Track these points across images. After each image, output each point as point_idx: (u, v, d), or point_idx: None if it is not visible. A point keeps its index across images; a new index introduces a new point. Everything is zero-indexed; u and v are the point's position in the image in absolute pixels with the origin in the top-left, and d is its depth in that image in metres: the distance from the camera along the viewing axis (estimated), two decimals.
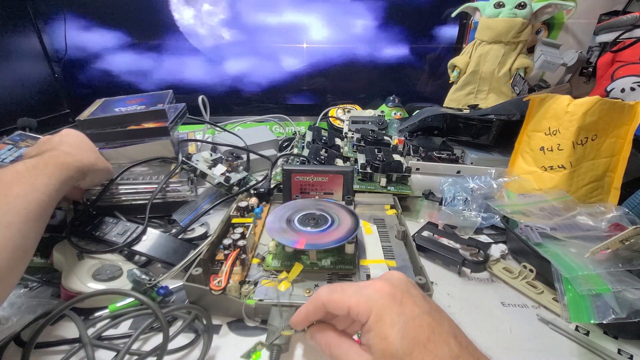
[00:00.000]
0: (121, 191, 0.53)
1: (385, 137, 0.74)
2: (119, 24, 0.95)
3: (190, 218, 0.53)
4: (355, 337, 0.28)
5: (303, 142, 0.75)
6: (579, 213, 0.48)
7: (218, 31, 0.99)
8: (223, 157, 0.63)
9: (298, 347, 0.35)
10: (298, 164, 0.65)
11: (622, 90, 0.68)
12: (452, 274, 0.47)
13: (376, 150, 0.65)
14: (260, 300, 0.37)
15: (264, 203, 0.56)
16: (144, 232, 0.46)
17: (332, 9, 0.99)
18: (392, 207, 0.57)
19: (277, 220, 0.44)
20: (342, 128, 0.88)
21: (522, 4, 0.80)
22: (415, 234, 0.51)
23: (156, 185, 0.53)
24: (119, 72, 1.01)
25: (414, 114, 0.84)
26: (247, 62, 1.04)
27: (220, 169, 0.60)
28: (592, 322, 0.34)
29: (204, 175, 0.58)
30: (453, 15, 0.92)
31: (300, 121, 1.03)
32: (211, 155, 0.61)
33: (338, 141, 0.78)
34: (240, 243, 0.41)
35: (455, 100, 0.93)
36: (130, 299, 0.37)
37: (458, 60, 0.91)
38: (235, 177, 0.59)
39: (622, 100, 0.52)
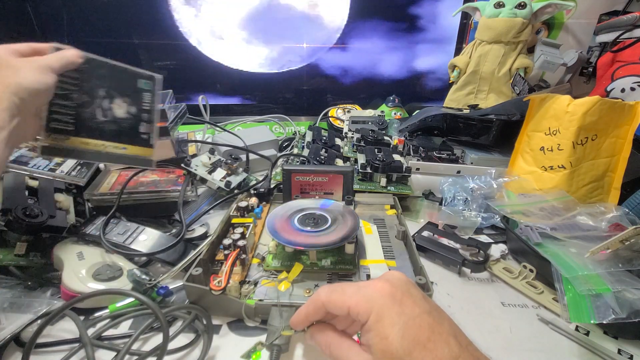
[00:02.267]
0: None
1: (385, 137, 0.74)
2: None
3: (190, 218, 0.53)
4: (355, 337, 0.28)
5: (303, 142, 0.75)
6: (579, 213, 0.48)
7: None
8: (222, 159, 0.62)
9: (298, 347, 0.35)
10: (298, 164, 0.65)
11: (622, 90, 0.68)
12: (452, 274, 0.47)
13: (376, 150, 0.65)
14: (260, 300, 0.37)
15: (264, 203, 0.56)
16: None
17: None
18: (392, 207, 0.57)
19: (277, 220, 0.44)
20: (342, 128, 0.88)
21: (522, 3, 0.80)
22: (415, 234, 0.51)
23: (157, 186, 0.53)
24: (324, 67, 1.09)
25: (414, 114, 0.85)
26: (436, 58, 1.09)
27: (220, 173, 0.59)
28: (592, 322, 0.34)
29: (204, 180, 0.58)
30: (453, 15, 0.92)
31: (300, 121, 1.03)
32: (209, 158, 0.61)
33: (338, 141, 0.78)
34: (240, 243, 0.41)
35: (455, 100, 0.93)
36: (130, 299, 0.37)
37: (458, 60, 0.91)
38: (235, 180, 0.59)
39: (622, 100, 0.52)
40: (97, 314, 0.37)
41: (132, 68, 0.39)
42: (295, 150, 0.78)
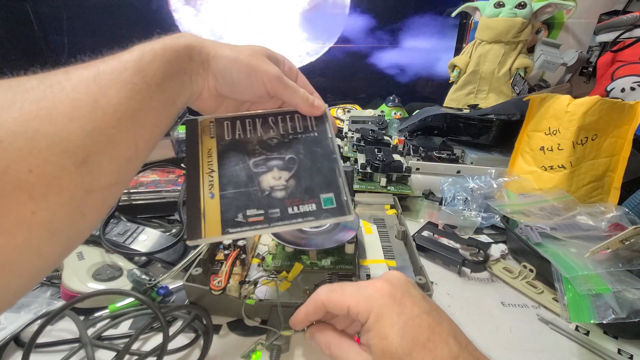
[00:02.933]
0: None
1: (385, 137, 0.74)
2: None
3: None
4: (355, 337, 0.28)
5: None
6: (579, 213, 0.48)
7: None
8: None
9: (298, 347, 0.35)
10: None
11: (622, 90, 0.68)
12: (452, 274, 0.47)
13: (376, 150, 0.65)
14: (260, 300, 0.37)
15: None
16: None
17: None
18: (392, 207, 0.57)
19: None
20: (342, 128, 0.88)
21: (522, 3, 0.80)
22: (415, 234, 0.51)
23: (157, 186, 0.53)
24: (382, 66, 1.12)
25: (414, 114, 0.85)
26: None
27: None
28: (592, 322, 0.34)
29: None
30: (453, 15, 0.92)
31: None
32: None
33: (338, 141, 0.78)
34: (240, 243, 0.41)
35: (455, 100, 0.93)
36: (130, 299, 0.37)
37: (458, 60, 0.91)
38: None
39: (622, 100, 0.52)
40: (97, 314, 0.37)
41: (342, 180, 0.29)
42: None
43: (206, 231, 0.27)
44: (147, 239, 0.45)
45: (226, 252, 0.40)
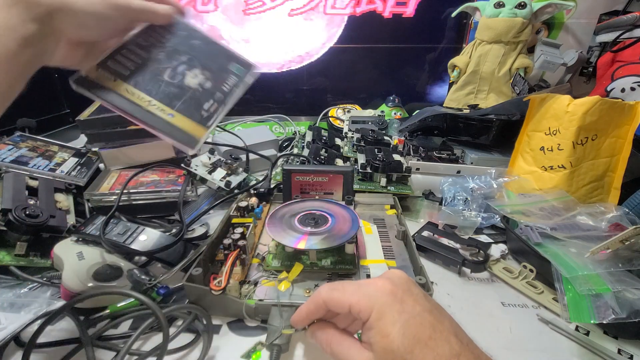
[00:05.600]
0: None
1: (385, 137, 0.74)
2: None
3: (190, 218, 0.53)
4: (356, 336, 0.28)
5: (303, 142, 0.75)
6: (579, 213, 0.48)
7: None
8: (222, 159, 0.62)
9: (298, 346, 0.35)
10: (298, 164, 0.65)
11: (622, 90, 0.68)
12: (452, 274, 0.47)
13: (376, 150, 0.65)
14: (260, 300, 0.37)
15: (264, 203, 0.56)
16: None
17: None
18: (392, 207, 0.57)
19: (277, 220, 0.44)
20: (342, 128, 0.88)
21: (522, 3, 0.80)
22: (415, 234, 0.51)
23: (157, 186, 0.53)
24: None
25: (414, 114, 0.85)
26: None
27: (220, 173, 0.60)
28: (592, 322, 0.34)
29: (204, 180, 0.58)
30: (453, 15, 0.92)
31: (300, 121, 1.03)
32: (209, 158, 0.61)
33: (338, 141, 0.78)
34: (240, 243, 0.41)
35: (455, 100, 0.93)
36: (130, 299, 0.37)
37: (458, 60, 0.91)
38: (235, 179, 0.59)
39: (622, 100, 0.52)
40: (97, 314, 0.37)
41: (231, 49, 0.37)
42: (295, 150, 0.78)
43: (195, 134, 0.32)
44: (147, 239, 0.45)
45: (226, 252, 0.40)
